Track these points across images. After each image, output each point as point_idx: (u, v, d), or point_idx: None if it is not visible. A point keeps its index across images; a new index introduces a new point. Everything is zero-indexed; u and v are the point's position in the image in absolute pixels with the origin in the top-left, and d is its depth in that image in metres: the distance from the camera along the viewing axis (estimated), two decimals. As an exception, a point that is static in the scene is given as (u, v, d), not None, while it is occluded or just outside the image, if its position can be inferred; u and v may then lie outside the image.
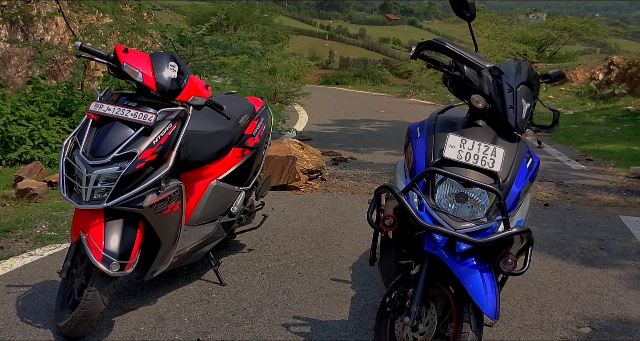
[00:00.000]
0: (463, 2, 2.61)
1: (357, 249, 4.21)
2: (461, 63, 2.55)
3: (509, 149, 2.44)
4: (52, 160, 6.46)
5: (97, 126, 2.86)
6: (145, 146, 2.79)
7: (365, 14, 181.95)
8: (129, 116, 2.82)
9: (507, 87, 2.49)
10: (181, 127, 2.99)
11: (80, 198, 2.73)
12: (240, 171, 3.74)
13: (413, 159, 2.55)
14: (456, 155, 2.37)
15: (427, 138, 2.58)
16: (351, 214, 5.05)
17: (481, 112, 2.54)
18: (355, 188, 6.00)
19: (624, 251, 4.33)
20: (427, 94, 21.54)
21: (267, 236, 4.40)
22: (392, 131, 10.71)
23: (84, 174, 2.70)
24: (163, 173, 2.84)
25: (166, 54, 3.11)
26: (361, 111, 14.15)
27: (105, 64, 3.00)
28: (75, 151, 2.80)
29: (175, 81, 2.98)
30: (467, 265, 2.34)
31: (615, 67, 15.57)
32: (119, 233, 2.80)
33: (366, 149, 8.30)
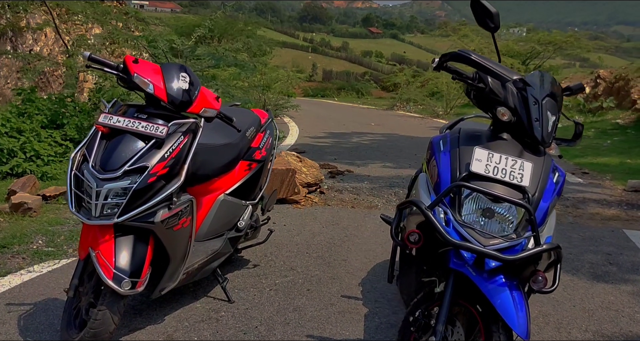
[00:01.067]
0: (487, 13, 2.56)
1: (364, 264, 4.13)
2: (486, 74, 2.50)
3: (536, 163, 2.38)
4: (44, 173, 6.32)
5: (107, 139, 2.76)
6: (156, 159, 2.70)
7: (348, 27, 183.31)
8: (139, 128, 2.73)
9: (533, 99, 2.43)
10: (193, 140, 2.90)
11: (90, 213, 2.63)
12: (247, 184, 3.65)
13: (437, 173, 2.48)
14: (484, 169, 2.31)
15: (452, 152, 2.51)
16: (354, 228, 4.97)
17: (505, 125, 2.48)
18: (355, 202, 5.92)
19: (633, 266, 4.30)
20: (414, 107, 21.59)
21: (271, 251, 4.31)
22: (385, 144, 10.67)
23: (94, 189, 2.60)
24: (175, 187, 2.75)
25: (177, 64, 3.02)
26: (351, 123, 14.13)
27: (115, 75, 2.91)
28: (84, 165, 2.70)
29: (186, 93, 2.90)
30: (496, 283, 2.26)
31: (602, 81, 15.72)
32: (130, 250, 2.70)
33: (362, 162, 8.24)
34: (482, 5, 2.56)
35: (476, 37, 22.75)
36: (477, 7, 2.58)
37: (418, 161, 8.60)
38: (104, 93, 7.53)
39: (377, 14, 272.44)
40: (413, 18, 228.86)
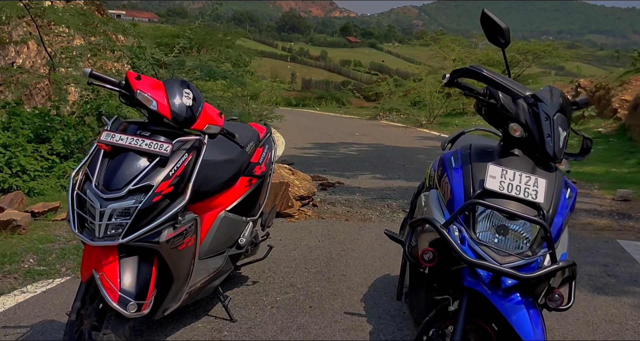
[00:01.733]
0: (498, 29, 2.55)
1: (364, 279, 4.09)
2: (497, 90, 2.48)
3: (549, 180, 2.37)
4: (31, 188, 6.19)
5: (109, 157, 2.70)
6: (161, 177, 2.64)
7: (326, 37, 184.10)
8: (143, 146, 2.67)
9: (544, 115, 2.42)
10: (197, 157, 2.85)
11: (93, 233, 2.56)
12: (248, 200, 3.61)
13: (450, 191, 2.45)
14: (498, 186, 2.28)
15: (464, 168, 2.48)
16: (350, 242, 4.93)
17: (517, 140, 2.46)
18: (348, 214, 5.89)
19: (631, 277, 4.31)
20: (397, 116, 21.66)
21: (269, 267, 4.25)
22: (372, 154, 10.66)
23: (97, 209, 2.53)
24: (181, 206, 2.69)
25: (179, 80, 2.97)
26: (336, 133, 14.12)
27: (117, 92, 2.85)
28: (87, 184, 2.63)
29: (190, 109, 2.85)
30: (512, 301, 2.24)
31: (583, 90, 15.90)
32: (135, 271, 2.63)
33: (351, 174, 8.22)
34: (492, 20, 2.55)
35: (457, 47, 22.92)
36: (487, 22, 2.57)
37: (407, 172, 8.63)
38: (90, 106, 7.43)
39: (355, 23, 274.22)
40: (391, 27, 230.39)
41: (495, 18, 2.55)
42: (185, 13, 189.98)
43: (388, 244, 4.87)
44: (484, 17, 2.58)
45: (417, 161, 9.99)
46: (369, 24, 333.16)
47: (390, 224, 5.56)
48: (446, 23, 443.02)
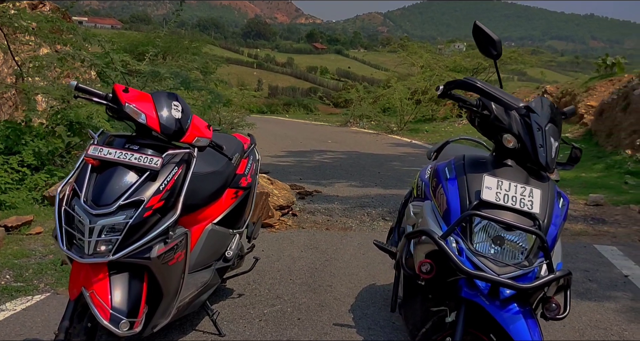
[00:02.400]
0: (490, 41, 2.57)
1: (350, 290, 4.07)
2: (490, 101, 2.50)
3: (544, 190, 2.39)
4: (2, 202, 6.03)
5: (97, 172, 2.64)
6: (151, 192, 2.60)
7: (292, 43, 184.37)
8: (132, 160, 2.62)
9: (536, 126, 2.44)
10: (187, 171, 2.81)
11: (82, 250, 2.50)
12: (234, 212, 3.56)
13: (446, 202, 2.46)
14: (494, 197, 2.30)
15: (459, 179, 2.49)
16: (333, 252, 4.91)
17: (509, 151, 2.48)
18: (328, 224, 5.87)
19: (612, 282, 4.38)
20: (368, 123, 21.74)
21: (253, 278, 4.21)
22: (347, 162, 10.67)
23: (87, 225, 2.47)
24: (172, 220, 2.65)
25: (167, 92, 2.93)
26: (308, 141, 14.11)
27: (104, 105, 2.80)
28: (75, 200, 2.57)
29: (179, 122, 2.81)
30: (510, 311, 2.26)
31: (549, 96, 16.18)
32: (126, 288, 2.58)
33: (328, 182, 8.20)
34: (484, 32, 2.57)
35: (425, 54, 23.11)
36: (480, 34, 2.59)
37: (383, 179, 8.65)
38: (61, 116, 7.28)
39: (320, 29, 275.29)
40: (357, 34, 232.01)
41: (487, 30, 2.58)
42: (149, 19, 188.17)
43: (371, 253, 4.88)
44: (476, 29, 2.60)
45: (392, 168, 10.04)
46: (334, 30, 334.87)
47: (371, 232, 5.56)
48: (411, 29, 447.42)
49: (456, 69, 23.25)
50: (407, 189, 7.68)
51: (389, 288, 4.13)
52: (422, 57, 22.91)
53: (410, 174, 9.22)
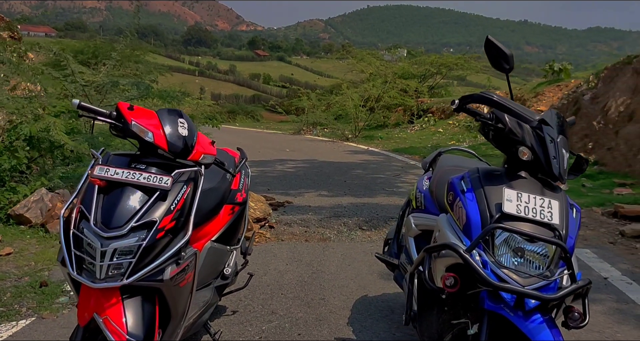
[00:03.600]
0: (502, 54, 2.61)
1: (343, 302, 4.06)
2: (505, 114, 2.53)
3: (560, 201, 2.43)
4: (-33, 222, 5.78)
5: (104, 193, 2.55)
6: (162, 212, 2.53)
7: (234, 50, 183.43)
8: (141, 180, 2.54)
9: (549, 138, 2.48)
10: (195, 189, 2.75)
11: (93, 275, 2.41)
12: (231, 229, 3.51)
13: (466, 215, 2.47)
14: (515, 209, 2.33)
15: (476, 192, 2.51)
16: (318, 264, 4.89)
17: (522, 163, 2.51)
18: (307, 235, 5.84)
19: (594, 285, 4.47)
20: (321, 131, 21.79)
21: (244, 294, 4.14)
22: (310, 171, 10.65)
23: (98, 249, 2.38)
24: (184, 241, 2.58)
25: (173, 109, 2.86)
26: (266, 150, 14.01)
27: (108, 123, 2.71)
28: (83, 223, 2.48)
29: (186, 140, 2.75)
30: (535, 322, 2.28)
31: (499, 101, 16.53)
32: (140, 312, 2.50)
33: (296, 192, 8.16)
34: (496, 46, 2.61)
35: (374, 60, 23.36)
36: (492, 48, 2.62)
37: (351, 188, 8.65)
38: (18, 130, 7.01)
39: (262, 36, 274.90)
40: (299, 40, 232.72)
41: (500, 44, 2.61)
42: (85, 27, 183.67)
43: (356, 264, 4.88)
44: (488, 43, 2.63)
45: (357, 176, 10.07)
46: (276, 37, 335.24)
47: (351, 243, 5.57)
48: (352, 36, 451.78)
49: (404, 75, 23.59)
50: (377, 198, 7.80)
51: (382, 298, 4.14)
52: (372, 65, 23.14)
53: (377, 182, 9.30)
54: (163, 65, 30.32)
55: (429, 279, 2.53)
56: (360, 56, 24.42)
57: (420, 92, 22.77)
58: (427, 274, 2.54)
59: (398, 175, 10.23)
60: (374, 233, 5.93)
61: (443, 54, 28.75)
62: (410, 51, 42.02)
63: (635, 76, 9.82)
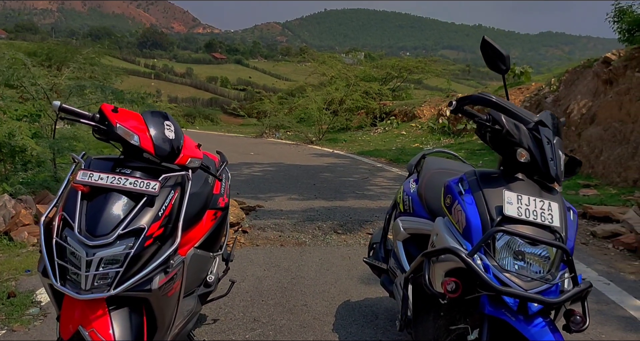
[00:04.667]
0: (499, 55, 2.58)
1: (326, 308, 3.98)
2: (501, 116, 2.50)
3: (559, 203, 2.41)
4: None
5: (87, 199, 2.43)
6: (150, 219, 2.42)
7: (191, 53, 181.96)
8: (127, 185, 2.43)
9: (546, 139, 2.46)
10: (182, 194, 2.65)
11: (78, 286, 2.28)
12: (213, 235, 3.40)
13: (466, 218, 2.42)
14: (516, 212, 2.30)
15: (475, 195, 2.47)
16: (297, 269, 4.79)
17: (519, 165, 2.48)
18: (281, 239, 5.74)
19: (572, 285, 4.51)
20: (284, 134, 21.68)
21: (224, 301, 4.02)
22: (278, 174, 10.54)
23: (84, 258, 2.26)
24: (173, 248, 2.48)
25: (158, 111, 2.75)
26: (230, 153, 13.70)
27: (92, 126, 2.58)
28: (67, 231, 2.35)
29: (173, 143, 2.64)
30: (538, 327, 2.25)
31: (461, 103, 16.69)
32: (128, 324, 2.39)
33: (266, 196, 8.04)
34: (492, 47, 2.57)
35: (336, 63, 23.37)
36: (488, 49, 2.59)
37: (321, 191, 8.58)
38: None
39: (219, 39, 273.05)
40: (256, 43, 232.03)
41: (496, 45, 2.58)
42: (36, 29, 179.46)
43: (335, 268, 4.81)
44: (484, 44, 2.60)
45: (325, 179, 10.00)
46: (233, 40, 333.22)
47: (327, 247, 5.49)
48: (309, 39, 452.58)
49: (366, 78, 23.67)
50: (349, 201, 7.75)
51: (365, 304, 4.07)
52: (333, 68, 23.14)
53: (346, 185, 9.25)
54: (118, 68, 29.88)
55: (429, 285, 2.47)
56: (322, 59, 24.41)
57: (383, 95, 22.87)
58: (427, 279, 2.48)
59: (366, 178, 10.21)
60: (349, 236, 5.87)
61: (404, 57, 29.02)
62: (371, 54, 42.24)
63: (596, 79, 10.01)
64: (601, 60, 10.08)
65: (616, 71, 9.37)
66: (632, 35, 11.02)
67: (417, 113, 19.91)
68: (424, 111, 19.71)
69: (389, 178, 10.32)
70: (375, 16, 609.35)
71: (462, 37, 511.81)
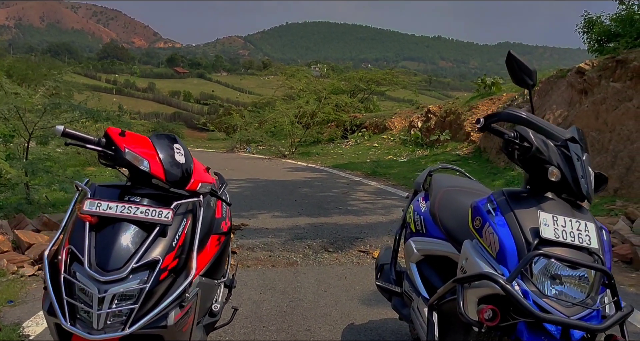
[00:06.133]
0: (525, 71, 2.50)
1: (330, 333, 3.83)
2: (529, 132, 2.40)
3: (595, 223, 2.32)
4: None
5: (95, 230, 2.26)
6: (164, 250, 2.28)
7: (153, 68, 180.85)
8: (138, 214, 2.28)
9: (576, 156, 2.38)
10: (195, 222, 2.50)
11: (89, 325, 2.12)
12: (217, 261, 3.23)
13: (499, 241, 2.31)
14: (553, 234, 2.20)
15: (506, 216, 2.36)
16: (293, 291, 4.63)
17: (548, 183, 2.39)
18: (272, 260, 5.56)
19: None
20: (255, 148, 21.48)
21: (224, 329, 3.84)
22: (257, 191, 10.35)
23: (95, 295, 2.10)
24: (188, 281, 2.33)
25: (167, 135, 2.61)
26: (203, 170, 13.57)
27: (97, 152, 2.42)
28: (75, 265, 2.18)
29: (183, 168, 2.50)
30: (578, 354, 2.15)
31: (433, 115, 16.83)
32: None
33: (249, 214, 7.85)
34: (518, 62, 2.50)
35: (305, 77, 23.31)
36: (513, 64, 2.51)
37: (304, 207, 8.42)
38: None
39: (181, 53, 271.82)
40: (218, 57, 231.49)
41: (522, 60, 2.50)
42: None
43: (332, 290, 4.67)
44: (510, 59, 2.52)
45: (306, 195, 9.84)
46: (195, 54, 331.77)
47: (319, 267, 5.34)
48: (271, 52, 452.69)
49: (335, 91, 23.66)
50: (334, 217, 7.62)
51: (369, 327, 3.94)
52: (302, 81, 23.09)
53: (327, 200, 9.12)
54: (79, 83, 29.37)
55: (464, 312, 2.35)
56: (290, 73, 24.33)
57: (355, 107, 22.89)
58: (462, 306, 2.36)
59: (346, 192, 10.08)
60: (341, 255, 5.73)
61: (372, 69, 29.15)
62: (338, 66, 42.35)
63: (571, 89, 10.12)
64: (574, 70, 10.20)
65: (591, 81, 9.47)
66: (602, 45, 11.21)
67: (388, 125, 19.94)
68: (395, 123, 19.76)
69: (369, 192, 10.22)
70: (336, 29, 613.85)
71: (422, 49, 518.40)
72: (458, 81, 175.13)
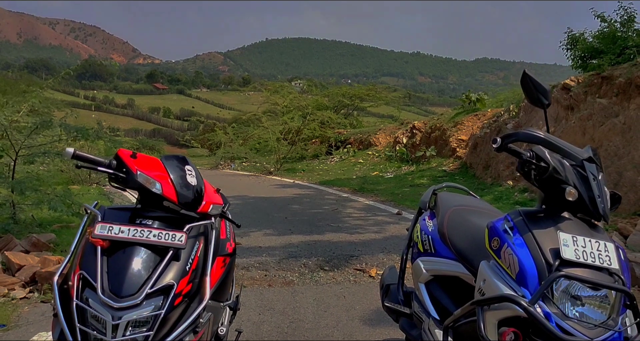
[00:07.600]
0: (541, 90, 2.50)
1: (335, 354, 3.77)
2: (545, 152, 2.40)
3: (614, 243, 2.31)
4: None
5: (107, 255, 2.21)
6: (178, 274, 2.23)
7: (132, 84, 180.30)
8: (151, 238, 2.23)
9: (592, 176, 2.37)
10: (207, 245, 2.46)
11: (103, 354, 2.05)
12: (223, 283, 3.17)
13: (518, 263, 2.29)
14: (574, 255, 2.18)
15: (525, 237, 2.34)
16: (293, 311, 4.56)
17: (564, 203, 2.38)
18: (268, 279, 5.49)
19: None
20: (240, 165, 21.39)
21: (226, 352, 3.76)
22: (246, 208, 10.26)
23: (109, 322, 2.05)
24: (203, 306, 2.28)
25: (177, 156, 2.56)
26: (189, 187, 13.48)
27: (108, 174, 2.37)
28: (87, 292, 2.13)
29: (195, 189, 2.45)
30: (602, 377, 2.12)
31: (418, 131, 16.89)
32: None
33: (240, 232, 7.76)
34: (534, 81, 2.51)
35: (288, 94, 23.33)
36: (529, 84, 2.52)
37: (295, 225, 8.35)
38: None
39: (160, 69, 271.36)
40: (198, 73, 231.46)
41: (537, 79, 2.51)
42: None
43: (332, 309, 4.61)
44: (525, 78, 2.52)
45: (296, 212, 9.78)
46: (174, 70, 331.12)
47: (317, 286, 5.28)
48: (251, 68, 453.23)
49: (319, 107, 23.73)
50: (326, 235, 7.57)
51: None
52: (286, 97, 23.11)
53: (318, 218, 9.07)
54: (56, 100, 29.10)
55: (485, 335, 2.31)
56: (274, 88, 24.35)
57: (340, 124, 22.95)
58: (482, 329, 2.32)
59: (336, 209, 10.04)
60: (337, 273, 5.67)
61: (354, 85, 29.29)
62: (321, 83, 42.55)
63: (557, 105, 10.21)
64: (560, 86, 10.30)
65: (577, 97, 9.58)
66: (586, 62, 11.35)
67: (372, 141, 20.00)
68: (380, 139, 19.82)
69: (359, 209, 10.18)
70: (316, 45, 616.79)
71: (401, 65, 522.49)
72: (437, 97, 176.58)
